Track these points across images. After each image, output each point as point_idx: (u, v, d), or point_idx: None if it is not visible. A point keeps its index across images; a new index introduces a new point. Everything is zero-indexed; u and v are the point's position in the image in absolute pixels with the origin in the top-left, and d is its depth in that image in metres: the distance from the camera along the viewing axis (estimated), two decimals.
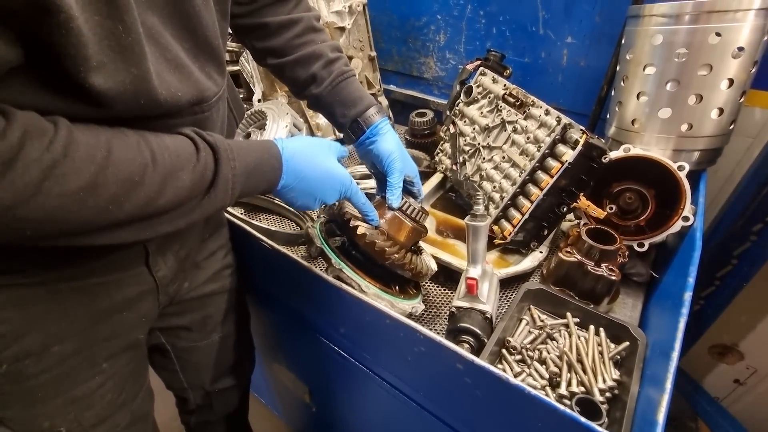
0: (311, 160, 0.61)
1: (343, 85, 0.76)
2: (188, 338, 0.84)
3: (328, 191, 0.63)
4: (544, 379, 0.64)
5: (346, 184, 0.64)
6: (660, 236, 0.79)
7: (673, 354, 0.51)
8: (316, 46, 0.75)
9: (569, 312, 0.73)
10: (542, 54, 1.15)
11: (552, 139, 0.79)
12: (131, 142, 0.43)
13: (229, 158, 0.51)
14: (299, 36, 0.74)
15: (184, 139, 0.49)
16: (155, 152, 0.44)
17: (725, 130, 0.80)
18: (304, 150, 0.61)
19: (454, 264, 0.83)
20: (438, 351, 0.56)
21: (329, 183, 0.63)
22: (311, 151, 0.62)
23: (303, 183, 0.60)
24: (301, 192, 0.61)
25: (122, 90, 0.41)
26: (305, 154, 0.60)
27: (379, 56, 1.32)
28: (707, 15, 0.72)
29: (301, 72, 0.75)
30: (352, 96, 0.76)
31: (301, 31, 0.74)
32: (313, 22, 0.76)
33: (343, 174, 0.64)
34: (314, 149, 0.62)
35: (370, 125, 0.75)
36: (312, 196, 0.62)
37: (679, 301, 0.58)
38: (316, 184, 0.61)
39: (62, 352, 0.57)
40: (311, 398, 1.10)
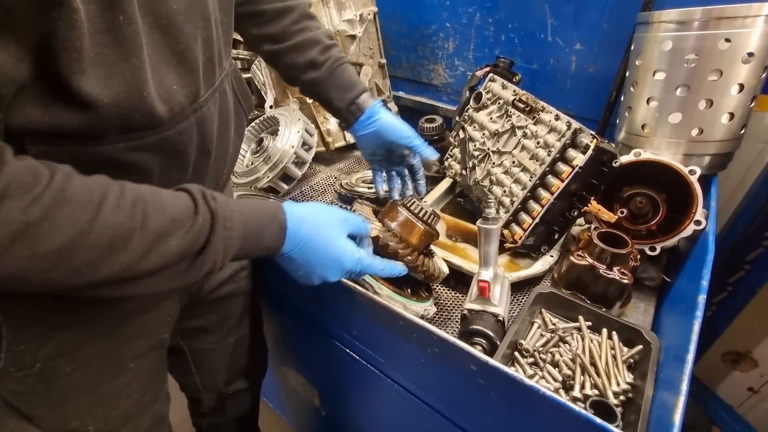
0: (319, 234, 0.57)
1: (340, 70, 0.79)
2: (205, 340, 0.85)
3: (330, 270, 0.59)
4: (557, 381, 0.64)
5: (351, 265, 0.60)
6: (672, 240, 0.79)
7: (688, 356, 0.51)
8: (312, 32, 0.77)
9: (581, 315, 0.73)
10: (551, 60, 1.17)
11: (562, 143, 0.80)
12: (125, 202, 0.41)
13: (226, 227, 0.48)
14: (296, 22, 0.76)
15: (185, 198, 0.47)
16: (148, 214, 0.42)
17: (736, 134, 0.80)
18: (313, 220, 0.57)
19: (464, 267, 0.83)
20: (452, 352, 0.57)
21: (332, 263, 0.59)
22: (320, 224, 0.58)
23: (306, 255, 0.57)
24: (303, 264, 0.57)
25: (114, 91, 0.40)
26: (313, 226, 0.57)
27: (388, 63, 1.34)
28: (716, 21, 0.73)
29: (299, 58, 0.77)
30: (349, 81, 0.79)
31: (297, 17, 0.76)
32: (307, 9, 0.78)
33: (350, 255, 0.59)
34: (324, 221, 0.59)
35: (367, 106, 0.80)
36: (313, 271, 0.58)
37: (692, 304, 0.58)
38: (319, 260, 0.58)
39: (92, 351, 0.58)
40: (321, 402, 1.11)
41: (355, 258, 0.60)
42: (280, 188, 1.14)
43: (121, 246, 0.40)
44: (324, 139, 1.26)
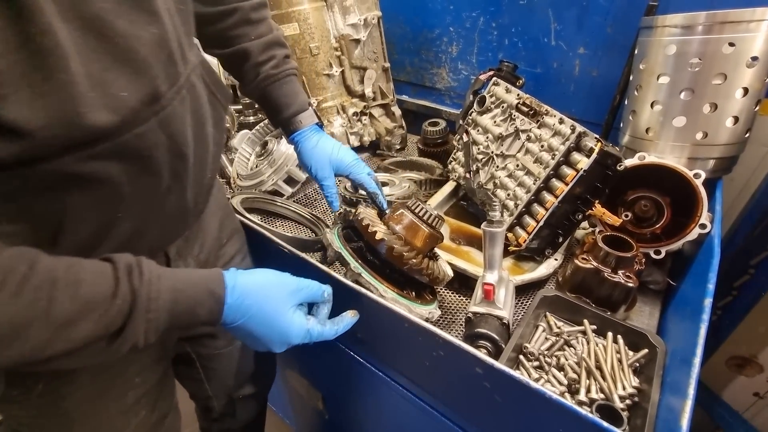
0: (263, 308, 0.53)
1: (270, 89, 0.74)
2: (213, 345, 0.85)
3: (276, 344, 0.56)
4: (562, 385, 0.64)
5: (299, 339, 0.56)
6: (677, 243, 0.79)
7: (695, 360, 0.51)
8: (248, 43, 0.71)
9: (586, 319, 0.73)
10: (554, 64, 1.17)
11: (567, 147, 0.80)
12: (28, 288, 0.38)
13: (149, 310, 0.44)
14: (232, 28, 0.70)
15: (107, 275, 0.43)
16: (55, 299, 0.39)
17: (740, 138, 0.80)
18: (258, 293, 0.53)
19: (469, 270, 0.83)
20: (457, 355, 0.57)
21: (278, 337, 0.55)
22: (266, 297, 0.54)
23: (248, 329, 0.53)
24: (246, 336, 0.54)
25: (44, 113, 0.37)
26: (258, 299, 0.53)
27: (392, 67, 1.35)
28: (720, 25, 0.73)
29: (233, 69, 0.74)
30: (277, 101, 0.75)
31: (234, 23, 0.70)
32: (249, 14, 0.71)
33: (298, 329, 0.56)
34: (271, 294, 0.55)
35: (292, 132, 0.77)
36: (257, 342, 0.55)
37: (699, 308, 0.58)
38: (263, 334, 0.54)
39: (93, 368, 0.56)
40: (324, 405, 1.10)
41: (303, 331, 0.57)
42: (284, 191, 1.14)
43: (22, 334, 0.38)
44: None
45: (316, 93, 1.24)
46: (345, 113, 1.28)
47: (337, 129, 1.28)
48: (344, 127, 1.28)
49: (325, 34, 1.18)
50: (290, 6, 1.13)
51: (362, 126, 1.31)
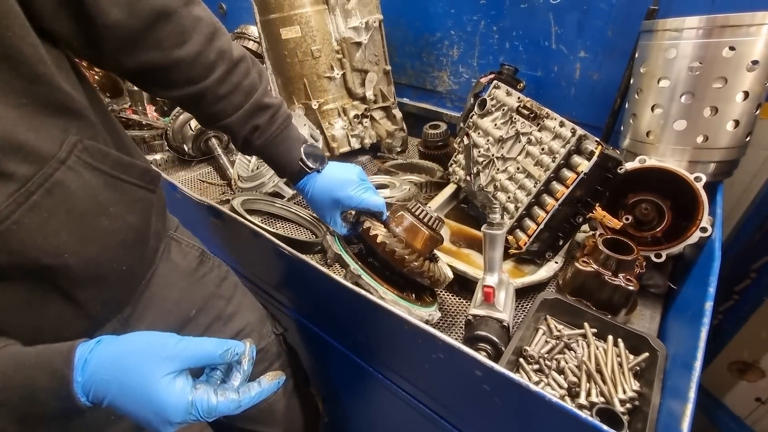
0: (125, 379, 0.44)
1: (263, 155, 0.72)
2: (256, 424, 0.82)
3: (155, 422, 0.45)
4: (562, 388, 0.63)
5: (181, 415, 0.45)
6: (678, 247, 0.79)
7: (696, 363, 0.51)
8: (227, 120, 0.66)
9: (586, 322, 0.72)
10: (555, 68, 1.17)
11: (567, 150, 0.80)
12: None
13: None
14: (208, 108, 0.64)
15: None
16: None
17: (741, 142, 0.80)
18: (118, 363, 0.44)
19: (469, 273, 0.83)
20: (457, 357, 0.57)
21: (151, 416, 0.44)
22: (128, 366, 0.44)
23: (117, 404, 0.44)
24: (123, 414, 0.44)
25: None
26: (116, 370, 0.44)
27: (393, 70, 1.36)
28: (721, 29, 0.73)
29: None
30: (272, 164, 0.74)
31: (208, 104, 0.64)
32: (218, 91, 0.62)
33: (174, 404, 0.45)
34: (134, 362, 0.45)
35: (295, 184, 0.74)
36: (138, 421, 0.45)
37: (699, 311, 0.58)
38: (132, 410, 0.44)
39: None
40: (323, 407, 1.10)
41: (184, 404, 0.45)
42: (285, 193, 1.15)
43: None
44: (329, 145, 1.27)
45: (317, 95, 1.25)
46: (346, 116, 1.28)
47: (338, 131, 1.28)
48: (345, 130, 1.29)
49: (326, 37, 1.19)
50: (292, 9, 1.14)
51: (363, 128, 1.31)
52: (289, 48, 1.18)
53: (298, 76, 1.23)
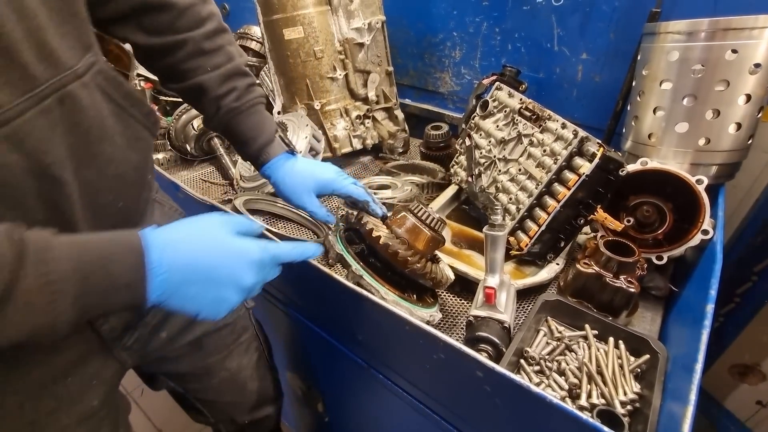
0: (202, 242, 0.46)
1: (234, 122, 0.68)
2: (197, 381, 0.80)
3: (238, 269, 0.46)
4: (563, 390, 0.63)
5: (260, 254, 0.48)
6: (679, 249, 0.79)
7: (697, 366, 0.51)
8: (204, 76, 0.64)
9: (587, 324, 0.72)
10: (557, 70, 1.17)
11: (569, 152, 0.80)
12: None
13: (41, 261, 0.36)
14: (183, 61, 0.63)
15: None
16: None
17: (743, 144, 0.80)
18: (185, 232, 0.46)
19: (470, 274, 0.83)
20: (457, 358, 0.57)
21: (238, 260, 0.47)
22: (197, 232, 0.46)
23: (198, 274, 0.44)
24: (199, 287, 0.44)
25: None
26: (190, 239, 0.45)
27: (396, 71, 1.36)
28: (723, 32, 0.73)
29: (192, 102, 0.69)
30: (243, 136, 0.69)
31: (186, 56, 0.63)
32: (202, 44, 0.63)
33: (254, 246, 0.48)
34: (202, 228, 0.47)
35: (262, 164, 0.71)
36: (218, 285, 0.45)
37: (701, 314, 0.58)
38: (219, 268, 0.45)
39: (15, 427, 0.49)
40: (325, 407, 1.10)
41: (261, 246, 0.49)
42: None
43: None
44: (331, 145, 1.28)
45: (319, 96, 1.25)
46: (348, 116, 1.29)
47: (340, 132, 1.28)
48: (347, 130, 1.29)
49: (329, 38, 1.19)
50: (295, 10, 1.14)
51: (365, 129, 1.31)
52: (291, 48, 1.19)
53: (301, 77, 1.23)
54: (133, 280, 0.41)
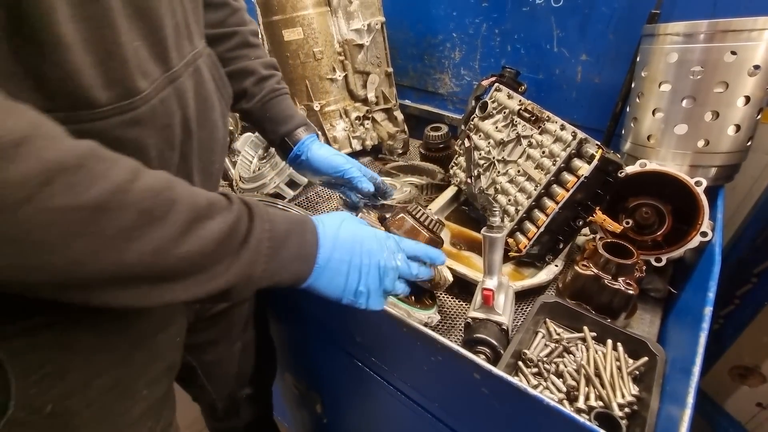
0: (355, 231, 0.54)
1: (274, 102, 0.76)
2: (214, 351, 0.84)
3: (386, 252, 0.56)
4: (561, 392, 0.63)
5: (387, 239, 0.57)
6: (678, 251, 0.79)
7: (694, 369, 0.51)
8: (249, 61, 0.74)
9: (586, 326, 0.72)
10: (556, 71, 1.17)
11: (568, 153, 0.80)
12: (160, 174, 0.37)
13: (263, 218, 0.44)
14: (232, 50, 0.72)
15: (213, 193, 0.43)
16: (183, 191, 0.38)
17: (742, 146, 0.80)
18: (344, 225, 0.54)
19: (469, 276, 0.83)
20: (455, 360, 0.57)
21: (381, 244, 0.56)
22: (350, 223, 0.55)
23: (356, 256, 0.53)
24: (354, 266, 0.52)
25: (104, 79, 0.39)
26: (347, 227, 0.54)
27: (395, 72, 1.36)
28: (722, 34, 0.73)
29: (233, 86, 0.73)
30: (282, 114, 0.77)
31: (235, 45, 0.73)
32: (248, 38, 0.74)
33: (382, 234, 0.58)
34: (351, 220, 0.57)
35: (296, 142, 0.78)
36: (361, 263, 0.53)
37: (699, 316, 0.58)
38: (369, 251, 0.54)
39: (105, 384, 0.54)
40: (323, 409, 1.10)
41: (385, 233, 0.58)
42: (285, 194, 1.15)
43: (160, 216, 0.35)
44: (330, 146, 1.27)
45: (319, 97, 1.25)
46: (347, 117, 1.29)
47: (339, 133, 1.28)
48: (347, 131, 1.29)
49: (328, 39, 1.19)
50: (294, 11, 1.14)
51: (365, 130, 1.31)
52: (291, 50, 1.19)
53: (300, 78, 1.23)
54: (310, 254, 0.49)
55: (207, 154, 0.60)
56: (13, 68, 0.34)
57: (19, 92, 0.35)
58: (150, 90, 0.45)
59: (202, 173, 0.59)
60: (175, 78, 0.49)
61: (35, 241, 0.30)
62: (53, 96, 0.37)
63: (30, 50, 0.35)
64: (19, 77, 0.35)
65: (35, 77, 0.36)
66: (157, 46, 0.46)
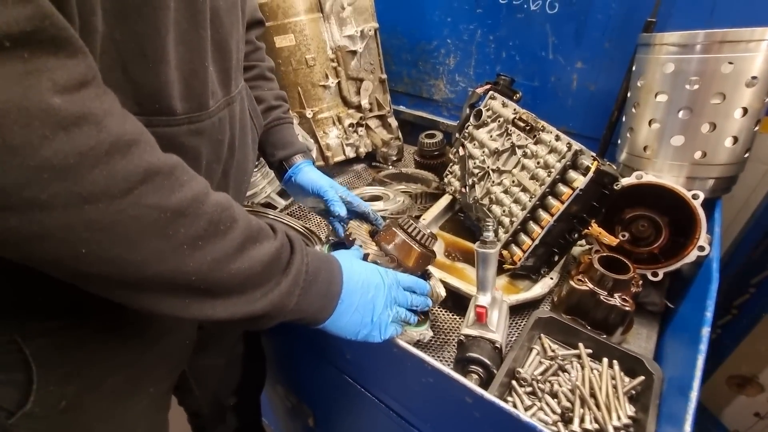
0: (363, 268, 0.59)
1: (277, 129, 0.82)
2: (206, 357, 0.86)
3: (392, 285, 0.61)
4: (555, 414, 0.62)
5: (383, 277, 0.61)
6: (674, 266, 0.77)
7: (692, 394, 0.49)
8: (263, 92, 0.80)
9: (581, 342, 0.71)
10: (552, 78, 1.16)
11: (563, 164, 0.78)
12: (223, 194, 0.41)
13: (303, 252, 0.48)
14: (250, 80, 0.78)
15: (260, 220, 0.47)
16: (240, 212, 0.42)
17: (740, 158, 0.79)
18: (355, 264, 0.59)
19: (462, 289, 0.81)
20: (446, 383, 0.55)
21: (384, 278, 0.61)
22: (358, 261, 0.61)
23: (368, 293, 0.56)
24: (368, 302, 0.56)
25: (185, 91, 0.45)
26: (357, 266, 0.58)
27: (389, 78, 1.34)
28: (719, 45, 0.72)
29: None
30: (282, 140, 0.82)
31: (253, 77, 0.79)
32: (265, 72, 0.82)
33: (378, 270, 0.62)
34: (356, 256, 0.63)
35: (291, 165, 0.82)
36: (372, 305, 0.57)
37: (696, 336, 0.56)
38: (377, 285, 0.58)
39: (116, 382, 0.57)
40: (315, 423, 1.08)
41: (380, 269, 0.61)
42: (277, 203, 1.13)
43: (224, 230, 0.39)
44: (323, 154, 1.26)
45: (311, 104, 1.23)
46: (341, 124, 1.27)
47: (332, 140, 1.26)
48: (340, 139, 1.27)
49: (321, 46, 1.17)
50: (286, 17, 1.12)
51: (358, 137, 1.30)
52: (283, 56, 1.17)
53: (293, 85, 1.21)
54: (335, 292, 0.52)
55: (241, 174, 0.65)
56: (115, 74, 0.39)
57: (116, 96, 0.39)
58: (214, 108, 0.51)
59: (235, 190, 0.64)
60: (230, 102, 0.56)
61: (117, 233, 0.33)
62: (142, 102, 0.42)
63: (137, 61, 0.39)
64: (120, 83, 0.39)
65: (134, 84, 0.40)
66: (224, 74, 0.53)
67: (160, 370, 0.65)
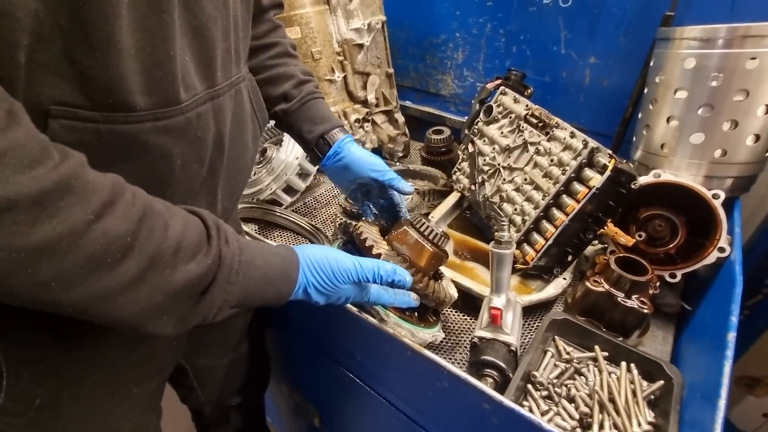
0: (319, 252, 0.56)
1: (312, 103, 0.78)
2: (207, 357, 0.84)
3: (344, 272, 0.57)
4: (574, 419, 0.60)
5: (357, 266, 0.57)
6: (693, 267, 0.75)
7: (720, 402, 0.47)
8: (289, 67, 0.77)
9: (597, 345, 0.69)
10: (563, 73, 1.14)
11: (578, 162, 0.76)
12: (133, 213, 0.37)
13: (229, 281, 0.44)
14: (273, 58, 0.76)
15: (200, 231, 0.42)
16: (151, 235, 0.37)
17: (761, 157, 0.76)
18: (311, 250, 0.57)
19: (474, 289, 0.80)
20: (463, 388, 0.53)
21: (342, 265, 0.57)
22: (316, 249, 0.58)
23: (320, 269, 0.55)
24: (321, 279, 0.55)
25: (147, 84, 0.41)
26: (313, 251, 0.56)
27: (396, 72, 1.32)
28: (742, 39, 0.69)
29: (272, 90, 0.75)
30: (319, 114, 0.78)
31: (276, 54, 0.76)
32: (288, 49, 0.78)
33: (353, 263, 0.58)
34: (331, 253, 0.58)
35: (335, 141, 0.77)
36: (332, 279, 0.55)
37: (721, 342, 0.54)
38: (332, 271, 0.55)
39: (96, 381, 0.56)
40: (321, 423, 1.07)
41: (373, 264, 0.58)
42: (282, 200, 1.11)
43: (111, 263, 0.34)
44: None
45: None
46: (347, 119, 1.24)
47: None
48: None
49: (327, 39, 1.14)
50: (292, 9, 1.09)
51: (364, 133, 1.27)
52: None
53: None
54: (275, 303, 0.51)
55: (234, 172, 0.62)
56: (61, 65, 0.36)
57: (62, 89, 0.37)
58: (189, 102, 0.47)
59: (226, 189, 0.61)
60: (216, 96, 0.52)
61: None
62: (94, 96, 0.38)
63: (83, 51, 0.36)
64: (66, 75, 0.36)
65: (81, 76, 0.37)
66: (205, 64, 0.49)
67: (143, 371, 0.63)
